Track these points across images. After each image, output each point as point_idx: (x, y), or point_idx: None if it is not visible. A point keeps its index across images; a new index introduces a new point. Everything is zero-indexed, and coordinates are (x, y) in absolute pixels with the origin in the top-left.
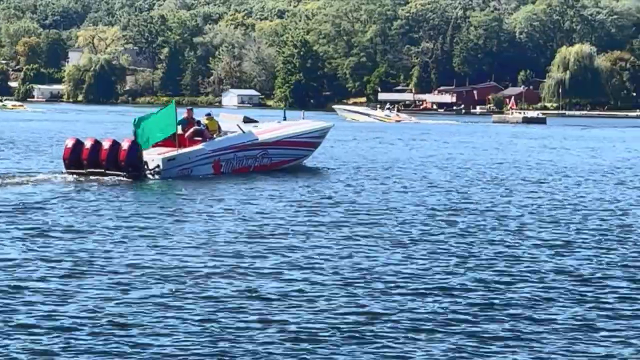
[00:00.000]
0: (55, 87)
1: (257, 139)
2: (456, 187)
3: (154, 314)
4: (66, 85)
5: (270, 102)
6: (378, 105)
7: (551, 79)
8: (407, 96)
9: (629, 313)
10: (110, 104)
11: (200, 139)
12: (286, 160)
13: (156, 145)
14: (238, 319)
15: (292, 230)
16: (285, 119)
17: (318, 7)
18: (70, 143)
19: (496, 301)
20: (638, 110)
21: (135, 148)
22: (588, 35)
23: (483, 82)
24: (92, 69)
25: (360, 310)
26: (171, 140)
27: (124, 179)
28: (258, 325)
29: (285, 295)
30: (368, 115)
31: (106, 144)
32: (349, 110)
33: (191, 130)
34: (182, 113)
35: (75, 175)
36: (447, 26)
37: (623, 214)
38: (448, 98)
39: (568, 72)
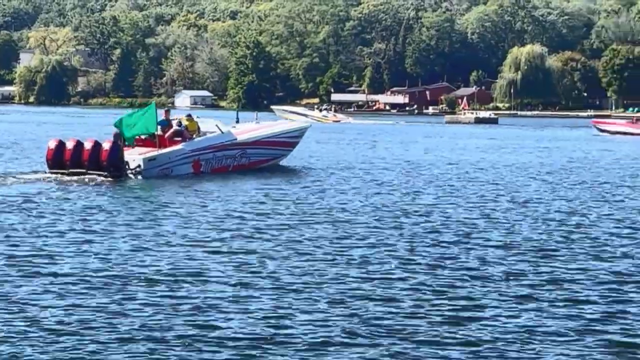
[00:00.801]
0: (7, 89)
1: (236, 139)
2: (397, 187)
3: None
4: (17, 86)
5: (223, 103)
6: (315, 106)
7: (503, 79)
8: (360, 97)
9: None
10: (62, 105)
11: (180, 139)
12: (264, 160)
13: (137, 145)
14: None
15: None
16: (237, 120)
17: (270, 8)
18: (53, 144)
19: (436, 302)
20: (589, 110)
21: (117, 149)
22: (539, 36)
23: (435, 82)
24: (43, 70)
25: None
26: (151, 141)
27: (106, 178)
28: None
29: (222, 299)
30: (305, 115)
31: (88, 145)
32: (287, 111)
33: (171, 130)
34: (160, 114)
35: (58, 175)
36: (400, 27)
37: (570, 215)
38: (401, 99)
39: (519, 72)
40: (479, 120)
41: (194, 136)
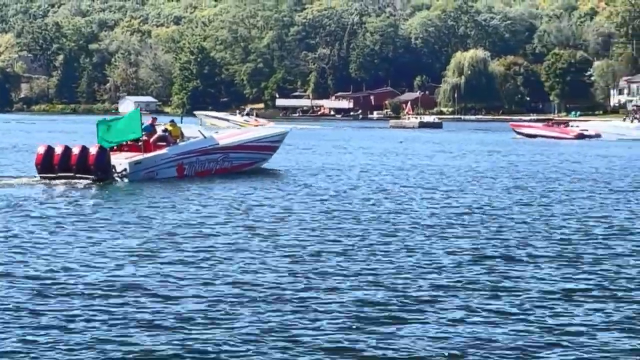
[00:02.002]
0: None
1: (218, 144)
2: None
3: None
4: None
5: (167, 109)
6: (237, 111)
7: (447, 83)
8: (305, 102)
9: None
10: (5, 112)
11: (164, 143)
12: (246, 164)
13: (123, 149)
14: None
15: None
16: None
17: (215, 13)
18: (42, 150)
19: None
20: (532, 114)
21: (104, 153)
22: (482, 41)
23: (380, 87)
24: None
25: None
26: (136, 146)
27: (93, 182)
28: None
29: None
30: (227, 120)
31: (76, 150)
32: (209, 116)
33: (156, 135)
34: (148, 120)
35: (47, 179)
36: (344, 32)
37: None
38: (345, 104)
39: (463, 77)
40: (423, 125)
41: (178, 141)
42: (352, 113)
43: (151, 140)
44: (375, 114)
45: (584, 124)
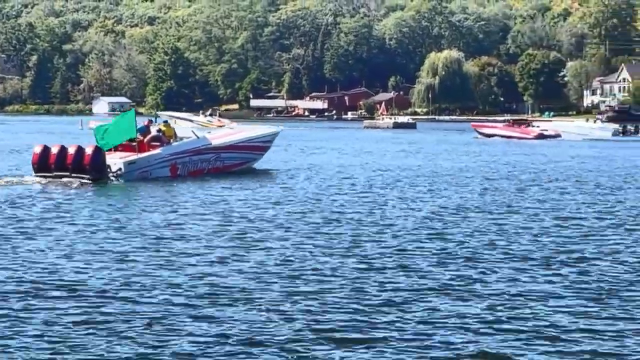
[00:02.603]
0: None
1: (211, 144)
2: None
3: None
4: None
5: (141, 110)
6: (201, 111)
7: (421, 84)
8: (279, 102)
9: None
10: None
11: (158, 144)
12: (238, 164)
13: (117, 149)
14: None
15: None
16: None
17: (189, 13)
18: (38, 149)
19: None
20: (506, 115)
21: (99, 153)
22: (456, 41)
23: (354, 88)
24: None
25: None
26: (131, 146)
27: (88, 181)
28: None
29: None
30: (191, 120)
31: (71, 150)
32: (172, 117)
33: (150, 136)
34: (143, 122)
35: (43, 178)
36: (318, 32)
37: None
38: (320, 104)
39: (437, 77)
40: (397, 126)
41: (171, 141)
42: (326, 113)
43: (145, 140)
44: (349, 115)
45: (547, 124)
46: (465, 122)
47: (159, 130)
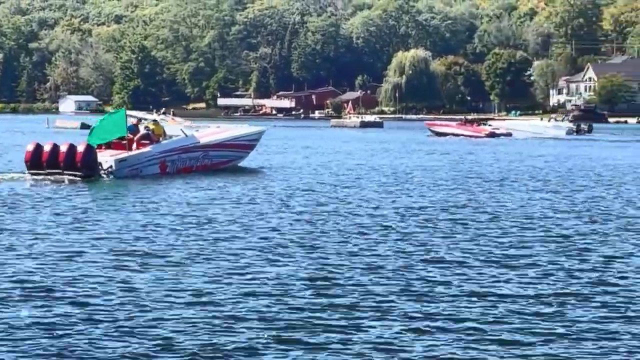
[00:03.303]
0: None
1: (199, 142)
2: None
3: None
4: None
5: (108, 108)
6: (154, 110)
7: (388, 83)
8: (247, 101)
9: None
10: None
11: (148, 142)
12: (225, 161)
13: (109, 147)
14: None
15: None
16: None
17: (156, 12)
18: (31, 147)
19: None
20: (472, 114)
21: (90, 151)
22: (423, 40)
23: (321, 86)
24: None
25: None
26: (121, 144)
27: (80, 178)
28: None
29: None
30: (144, 119)
31: (64, 148)
32: (127, 115)
33: (140, 134)
34: (132, 121)
35: (35, 176)
36: (285, 31)
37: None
38: (287, 103)
39: (404, 76)
40: (364, 125)
41: (161, 139)
42: (293, 112)
43: (135, 138)
44: (316, 113)
45: (500, 123)
46: (432, 121)
47: (147, 128)
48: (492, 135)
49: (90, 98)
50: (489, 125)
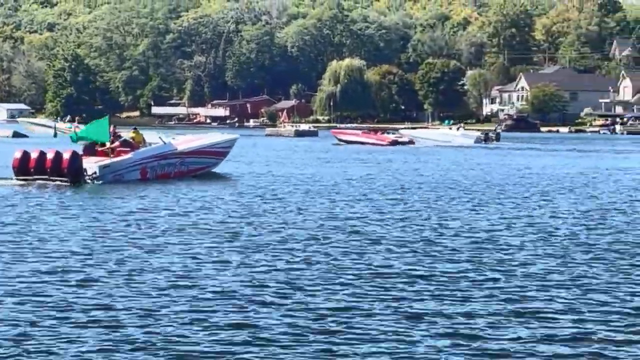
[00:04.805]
0: None
1: (176, 149)
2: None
3: None
4: None
5: (41, 116)
6: (59, 119)
7: (323, 92)
8: (181, 110)
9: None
10: None
11: (129, 149)
12: (201, 168)
13: (92, 153)
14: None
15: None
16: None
17: (89, 20)
18: (18, 154)
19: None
20: (406, 123)
21: (76, 157)
22: (358, 50)
23: (256, 95)
24: None
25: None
26: (104, 151)
27: (66, 184)
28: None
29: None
30: (51, 127)
31: (50, 154)
32: (32, 123)
33: (121, 140)
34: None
35: (22, 181)
36: (220, 40)
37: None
38: (222, 111)
39: (339, 85)
40: (299, 133)
41: (140, 147)
42: (228, 121)
43: (115, 144)
44: (251, 122)
45: (407, 132)
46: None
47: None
48: (394, 143)
49: (22, 106)
50: (393, 133)
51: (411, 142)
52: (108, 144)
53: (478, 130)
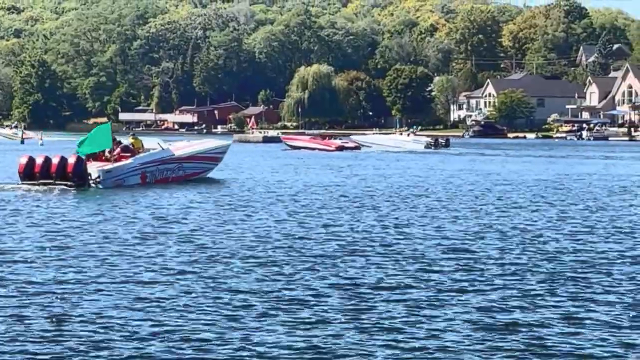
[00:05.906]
0: None
1: (174, 155)
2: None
3: None
4: None
5: (7, 123)
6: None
7: (290, 98)
8: (149, 116)
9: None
10: None
11: (129, 154)
12: (197, 172)
13: (94, 158)
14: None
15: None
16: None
17: (56, 26)
18: (24, 160)
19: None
20: (374, 129)
21: (81, 162)
22: (325, 56)
23: (224, 101)
24: None
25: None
26: (106, 157)
27: (71, 188)
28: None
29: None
30: (17, 136)
31: (55, 160)
32: None
33: (122, 146)
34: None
35: (29, 185)
36: (187, 46)
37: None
38: (189, 118)
39: (307, 91)
40: (267, 140)
41: (140, 152)
42: (196, 127)
43: (116, 151)
44: (219, 128)
45: (358, 137)
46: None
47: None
48: (340, 148)
49: None
50: (339, 139)
51: (357, 147)
52: (107, 152)
53: (429, 136)
